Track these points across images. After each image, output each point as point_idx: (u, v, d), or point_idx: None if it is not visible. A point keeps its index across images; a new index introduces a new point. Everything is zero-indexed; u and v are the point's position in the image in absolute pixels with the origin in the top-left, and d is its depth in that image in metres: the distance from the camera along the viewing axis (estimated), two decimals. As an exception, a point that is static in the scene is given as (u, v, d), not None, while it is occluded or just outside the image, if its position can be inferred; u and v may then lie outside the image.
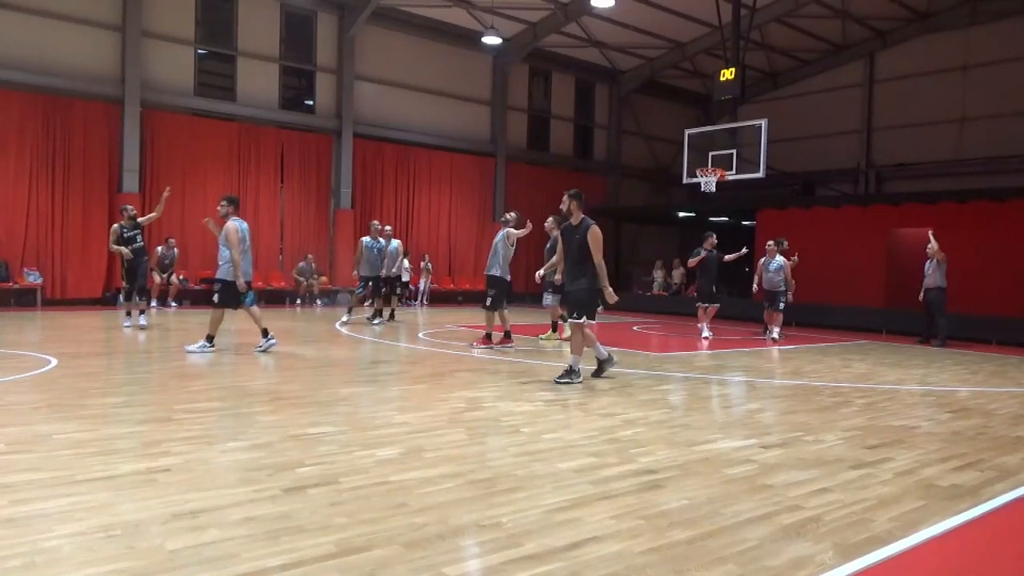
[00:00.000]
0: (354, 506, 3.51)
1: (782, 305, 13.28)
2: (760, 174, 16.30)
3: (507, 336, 10.71)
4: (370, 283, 13.63)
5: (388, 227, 15.34)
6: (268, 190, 18.73)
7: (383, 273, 13.84)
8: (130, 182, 16.41)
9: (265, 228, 18.76)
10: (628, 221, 26.92)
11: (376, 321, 13.62)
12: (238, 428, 5.03)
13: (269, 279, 18.65)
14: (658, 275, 23.37)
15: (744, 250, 13.63)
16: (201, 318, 13.36)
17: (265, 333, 9.16)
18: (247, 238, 9.17)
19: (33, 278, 15.33)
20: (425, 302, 20.52)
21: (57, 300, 15.58)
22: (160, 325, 12.48)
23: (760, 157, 16.17)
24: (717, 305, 13.61)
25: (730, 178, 16.65)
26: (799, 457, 4.77)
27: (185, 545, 2.96)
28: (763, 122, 16.13)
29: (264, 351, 9.08)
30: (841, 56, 24.45)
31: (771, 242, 13.69)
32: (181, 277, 16.64)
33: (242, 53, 18.31)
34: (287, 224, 19.08)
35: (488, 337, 10.53)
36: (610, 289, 7.55)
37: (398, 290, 13.59)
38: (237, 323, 13.38)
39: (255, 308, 9.36)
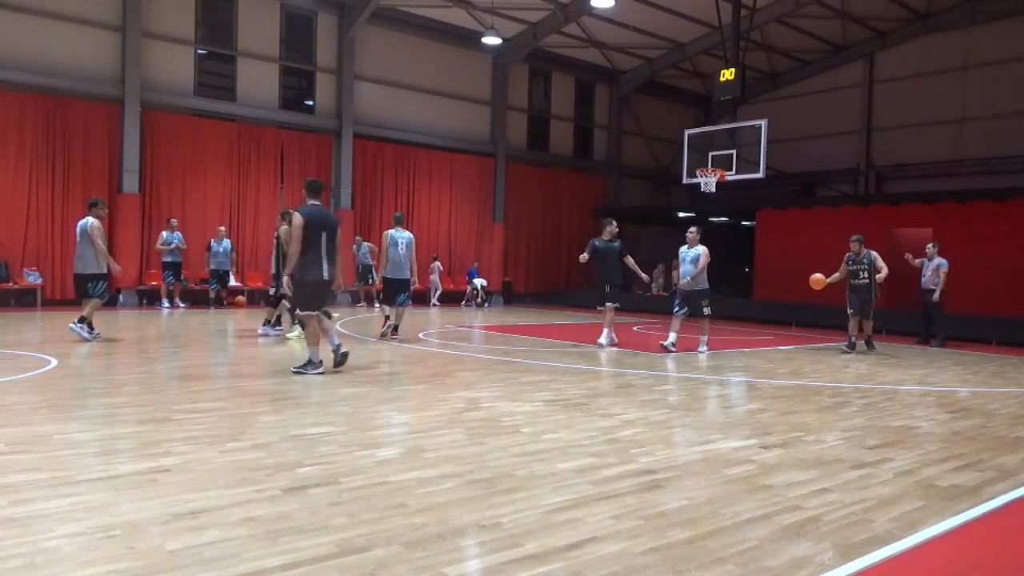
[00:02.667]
0: (354, 506, 3.51)
1: (707, 310, 11.01)
2: (760, 174, 16.30)
3: (395, 329, 11.47)
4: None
5: (221, 227, 15.64)
6: (268, 190, 18.73)
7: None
8: (130, 182, 16.42)
9: (265, 228, 18.76)
10: (628, 221, 26.89)
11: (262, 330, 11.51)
12: (238, 428, 5.02)
13: (269, 279, 18.65)
14: (659, 279, 23.38)
15: (651, 284, 11.84)
16: (202, 318, 13.39)
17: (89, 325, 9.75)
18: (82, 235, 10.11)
19: (33, 278, 15.33)
20: (437, 302, 20.65)
21: (57, 300, 15.58)
22: (163, 325, 12.48)
23: (760, 157, 16.17)
24: (608, 305, 11.25)
25: (730, 178, 16.64)
26: (799, 457, 4.77)
27: (185, 545, 2.96)
28: (763, 122, 16.13)
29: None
30: (841, 56, 24.46)
31: (693, 229, 11.22)
32: (183, 277, 16.63)
33: (242, 53, 18.31)
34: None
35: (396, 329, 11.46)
36: (286, 278, 7.50)
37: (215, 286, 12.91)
38: (241, 324, 13.38)
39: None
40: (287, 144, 19.02)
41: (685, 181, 17.78)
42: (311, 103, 19.64)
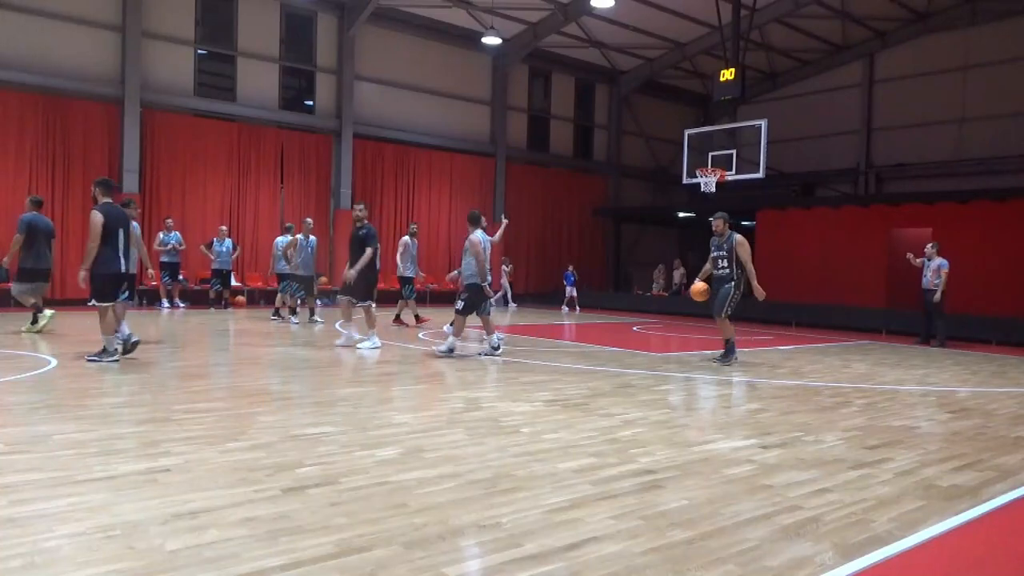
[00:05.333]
0: (354, 506, 3.51)
1: (458, 304, 9.44)
2: (760, 174, 16.31)
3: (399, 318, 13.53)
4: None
5: (223, 227, 16.47)
6: (268, 190, 18.74)
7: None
8: (130, 182, 16.42)
9: (265, 228, 18.78)
10: (628, 221, 26.95)
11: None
12: (238, 428, 5.02)
13: (269, 280, 18.65)
14: (659, 280, 23.40)
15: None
16: (201, 317, 13.43)
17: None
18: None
19: (33, 278, 15.29)
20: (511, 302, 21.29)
21: (57, 300, 15.56)
22: (162, 325, 12.48)
23: (760, 157, 16.18)
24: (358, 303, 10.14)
25: (730, 178, 16.65)
26: (799, 457, 4.77)
27: (185, 545, 2.96)
28: (763, 122, 16.15)
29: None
30: (841, 56, 24.46)
31: (471, 215, 10.05)
32: (182, 277, 16.64)
33: (242, 53, 18.32)
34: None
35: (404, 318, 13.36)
36: (83, 273, 7.78)
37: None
38: (241, 324, 13.39)
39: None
40: (287, 144, 19.02)
41: (685, 181, 17.79)
42: (311, 103, 19.65)
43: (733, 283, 9.47)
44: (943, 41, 22.19)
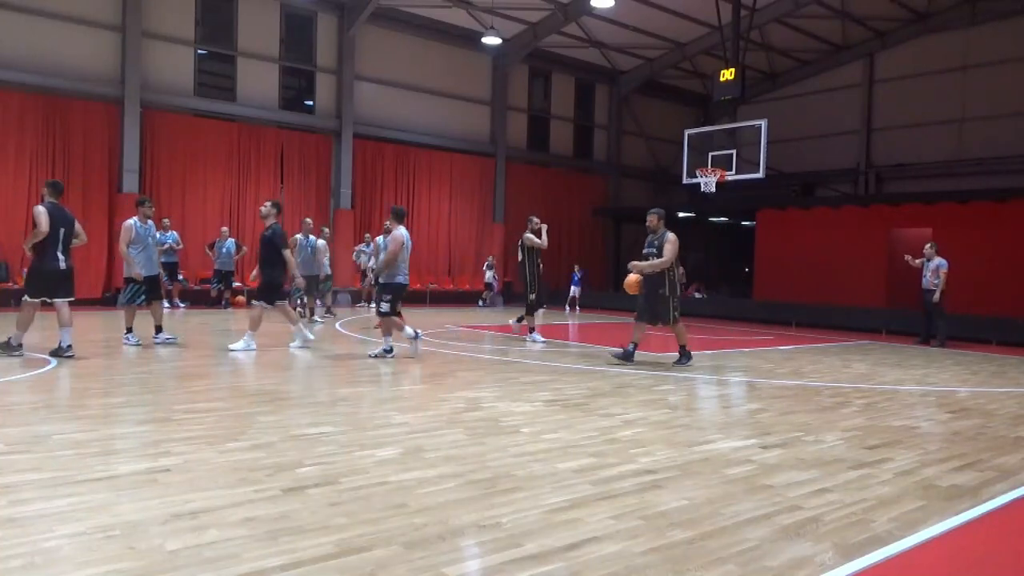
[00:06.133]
0: (354, 506, 3.51)
1: (385, 306, 9.04)
2: (760, 174, 16.31)
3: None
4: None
5: (225, 228, 16.37)
6: (268, 190, 18.72)
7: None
8: (130, 182, 16.42)
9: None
10: (628, 221, 26.93)
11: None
12: (238, 428, 5.02)
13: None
14: None
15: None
16: (202, 317, 13.42)
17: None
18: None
19: (33, 278, 15.29)
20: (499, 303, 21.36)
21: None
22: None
23: (760, 157, 16.18)
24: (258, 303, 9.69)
25: (730, 178, 16.65)
26: (799, 457, 4.77)
27: (185, 545, 2.96)
28: (763, 122, 16.14)
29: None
30: (841, 56, 24.46)
31: (396, 211, 9.56)
32: (182, 277, 16.63)
33: (242, 53, 18.31)
34: (287, 225, 19.02)
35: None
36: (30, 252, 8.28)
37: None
38: (241, 324, 13.38)
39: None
40: (287, 144, 19.02)
41: (685, 181, 17.79)
42: (311, 103, 19.65)
43: (667, 286, 9.04)
44: (943, 41, 22.19)
